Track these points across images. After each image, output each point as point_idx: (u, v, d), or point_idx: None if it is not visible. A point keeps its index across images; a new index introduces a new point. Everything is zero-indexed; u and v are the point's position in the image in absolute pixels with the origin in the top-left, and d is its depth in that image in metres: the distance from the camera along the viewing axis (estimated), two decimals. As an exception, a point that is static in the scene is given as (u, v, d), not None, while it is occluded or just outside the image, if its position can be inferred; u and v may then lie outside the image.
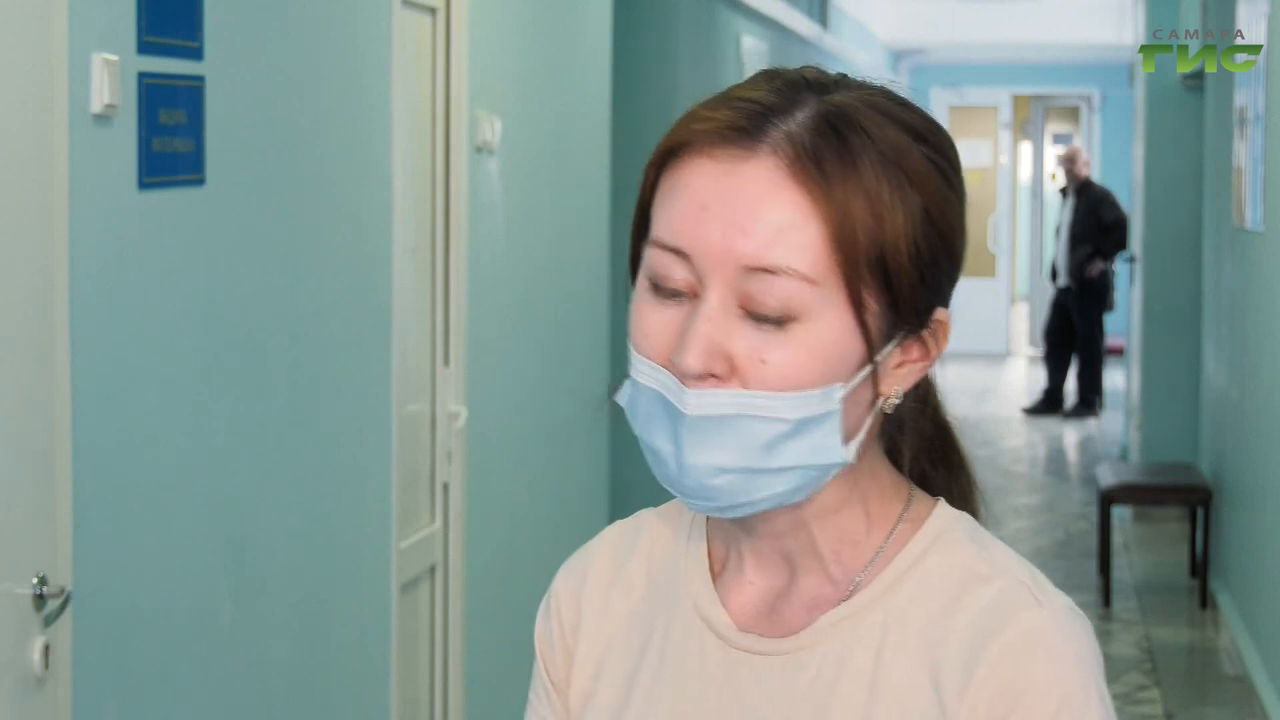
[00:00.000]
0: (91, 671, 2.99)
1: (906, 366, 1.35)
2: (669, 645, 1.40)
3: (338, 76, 4.00)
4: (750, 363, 1.28)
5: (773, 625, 1.37)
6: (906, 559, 1.36)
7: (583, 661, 1.43)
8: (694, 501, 1.33)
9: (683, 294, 1.30)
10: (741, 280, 1.28)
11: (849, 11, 14.43)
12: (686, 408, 1.28)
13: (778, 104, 1.30)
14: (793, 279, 1.27)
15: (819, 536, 1.37)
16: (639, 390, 1.32)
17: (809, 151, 1.28)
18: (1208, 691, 6.88)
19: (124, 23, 3.05)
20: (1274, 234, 6.18)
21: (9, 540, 2.78)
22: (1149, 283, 9.79)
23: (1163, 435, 9.58)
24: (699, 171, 1.30)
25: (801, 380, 1.28)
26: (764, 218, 1.27)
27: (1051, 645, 1.31)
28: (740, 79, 1.38)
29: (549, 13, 5.80)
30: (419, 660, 4.72)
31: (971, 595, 1.33)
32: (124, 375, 3.09)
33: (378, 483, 4.27)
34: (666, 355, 1.30)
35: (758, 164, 1.28)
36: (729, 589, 1.40)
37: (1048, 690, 1.30)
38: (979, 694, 1.30)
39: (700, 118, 1.31)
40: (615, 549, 1.46)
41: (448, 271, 4.81)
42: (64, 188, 2.87)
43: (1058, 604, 1.33)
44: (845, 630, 1.34)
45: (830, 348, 1.29)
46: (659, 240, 1.31)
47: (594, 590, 1.45)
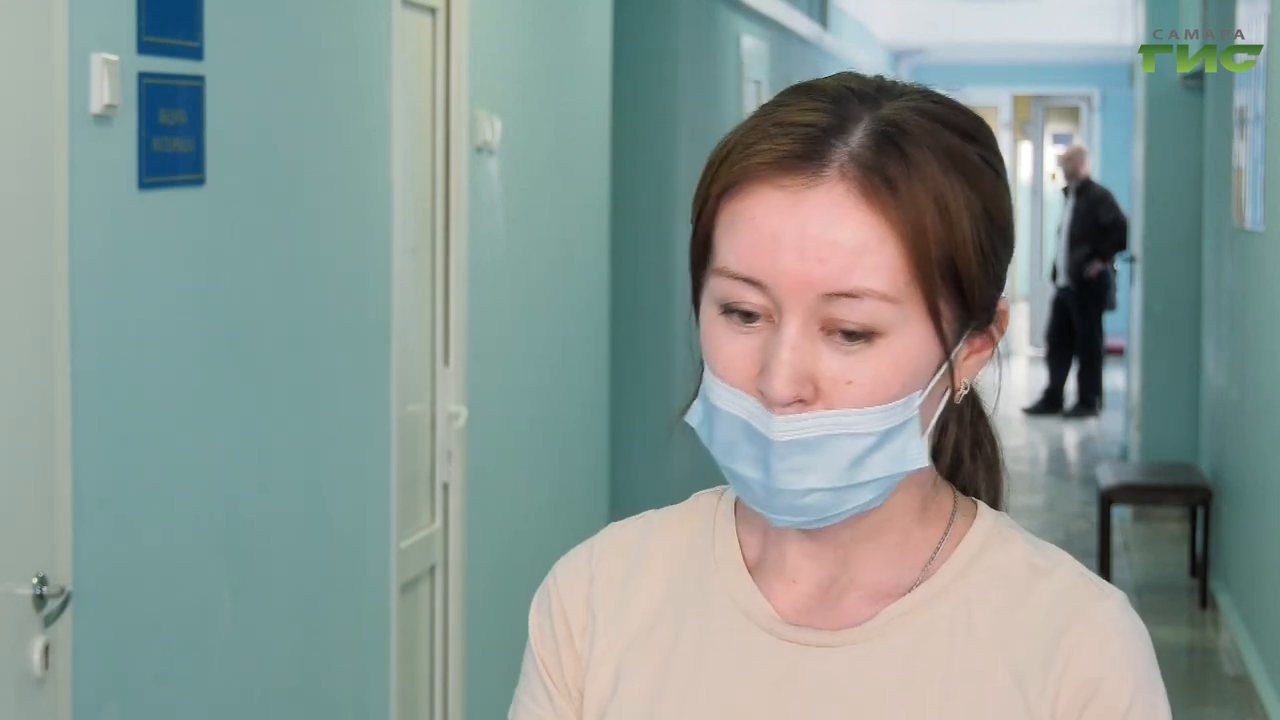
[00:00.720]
0: (91, 671, 2.99)
1: (974, 358, 1.38)
2: (705, 642, 1.39)
3: (338, 76, 4.00)
4: (836, 386, 1.29)
5: (830, 618, 1.38)
6: (967, 552, 1.39)
7: (600, 663, 1.42)
8: (781, 518, 1.34)
9: (757, 318, 1.30)
10: (821, 305, 1.28)
11: (849, 11, 14.42)
12: (774, 434, 1.29)
13: (832, 124, 1.30)
14: (873, 300, 1.28)
15: (882, 532, 1.38)
16: (718, 415, 1.32)
17: (876, 170, 1.28)
18: (1208, 691, 6.87)
19: (124, 23, 3.05)
20: (1274, 234, 6.18)
21: (9, 540, 2.78)
22: (1149, 283, 9.79)
23: (1163, 435, 9.57)
24: (766, 202, 1.29)
25: (886, 394, 1.30)
26: (840, 243, 1.27)
27: (1123, 632, 1.36)
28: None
29: (549, 13, 5.80)
30: (419, 660, 4.72)
31: (1038, 587, 1.37)
32: (124, 375, 3.09)
33: (378, 483, 4.27)
34: (748, 381, 1.30)
35: (826, 190, 1.28)
36: (769, 585, 1.40)
37: (1124, 675, 1.35)
38: (1061, 684, 1.34)
39: (757, 149, 1.30)
40: (624, 549, 1.45)
41: (448, 271, 4.81)
42: (64, 188, 2.87)
43: (1118, 595, 1.38)
44: (914, 621, 1.36)
45: (912, 360, 1.30)
46: (730, 271, 1.31)
47: (606, 591, 1.44)
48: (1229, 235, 7.64)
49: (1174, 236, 9.57)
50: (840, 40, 13.44)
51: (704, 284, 1.34)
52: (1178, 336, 9.55)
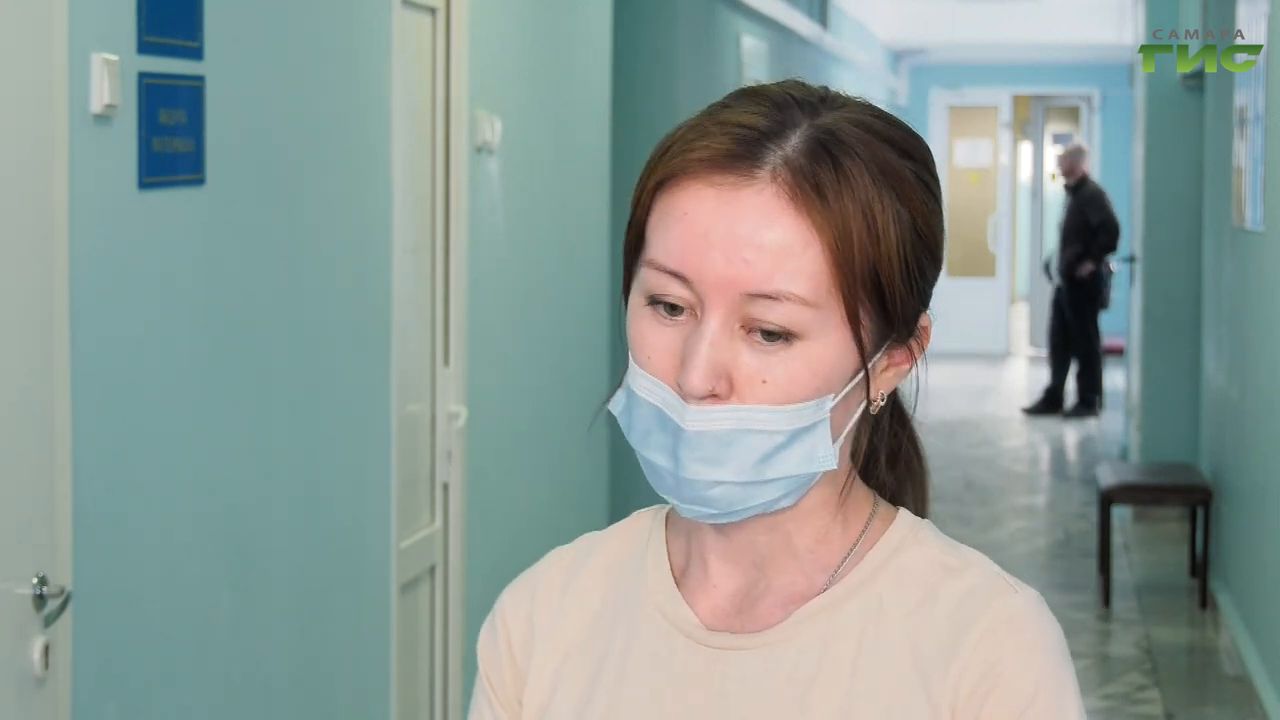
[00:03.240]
0: (91, 671, 2.99)
1: (892, 370, 1.40)
2: (632, 649, 1.43)
3: (338, 76, 4.00)
4: (751, 383, 1.32)
5: (746, 622, 1.41)
6: (881, 553, 1.41)
7: (537, 676, 1.46)
8: (688, 508, 1.37)
9: (682, 311, 1.34)
10: (742, 304, 1.31)
11: (849, 11, 14.42)
12: (687, 424, 1.32)
13: (770, 128, 1.33)
14: (793, 303, 1.31)
15: (796, 537, 1.41)
16: (636, 403, 1.36)
17: (807, 176, 1.31)
18: (1208, 691, 6.87)
19: (124, 23, 3.05)
20: (1274, 234, 6.18)
21: (9, 540, 2.78)
22: (1149, 283, 9.79)
23: (1163, 435, 9.57)
24: (698, 198, 1.32)
25: (800, 395, 1.33)
26: (765, 245, 1.30)
27: (1028, 628, 1.36)
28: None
29: (549, 13, 5.80)
30: (419, 660, 4.72)
31: (949, 586, 1.38)
32: (124, 375, 3.09)
33: (378, 483, 4.27)
34: (668, 372, 1.34)
35: (757, 190, 1.31)
36: (693, 592, 1.43)
37: (1026, 670, 1.35)
38: (962, 675, 1.35)
39: (695, 146, 1.33)
40: (564, 567, 1.50)
41: (448, 271, 4.81)
42: (64, 188, 2.87)
43: (1029, 592, 1.39)
44: (824, 621, 1.38)
45: (828, 363, 1.33)
46: (658, 264, 1.34)
47: (544, 607, 1.48)
48: (1229, 235, 7.64)
49: (1174, 236, 9.57)
50: (840, 40, 13.44)
51: (635, 274, 1.37)
52: (1178, 336, 9.55)
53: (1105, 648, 7.32)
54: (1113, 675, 6.93)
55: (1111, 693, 6.71)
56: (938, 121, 18.13)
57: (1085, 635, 7.42)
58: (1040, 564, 8.73)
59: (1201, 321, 9.08)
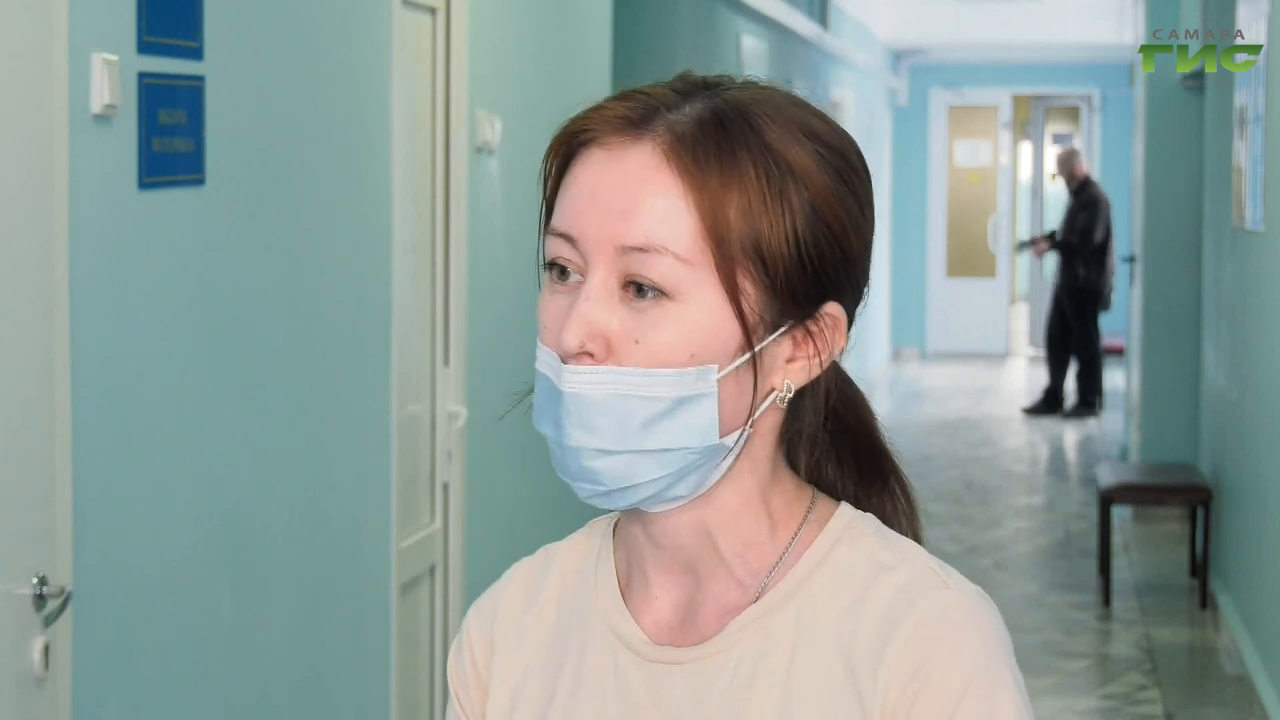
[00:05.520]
0: (91, 671, 2.99)
1: (799, 362, 1.37)
2: (584, 664, 1.43)
3: (338, 76, 4.00)
4: (625, 343, 1.32)
5: (687, 635, 1.40)
6: (814, 556, 1.38)
7: (498, 693, 1.46)
8: (579, 485, 1.37)
9: (570, 276, 1.34)
10: (621, 261, 1.32)
11: (849, 11, 14.42)
12: (563, 384, 1.32)
13: (671, 99, 1.35)
14: (667, 258, 1.31)
15: (721, 541, 1.39)
16: (538, 379, 1.37)
17: (686, 141, 1.32)
18: (1208, 691, 6.87)
19: (124, 23, 3.05)
20: (1274, 234, 6.18)
21: (9, 540, 2.78)
22: (1149, 283, 9.79)
23: (1163, 435, 9.57)
24: (590, 160, 1.34)
25: (674, 359, 1.31)
26: (642, 202, 1.31)
27: (959, 624, 1.33)
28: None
29: (549, 13, 5.80)
30: (419, 660, 4.72)
31: (881, 584, 1.35)
32: (124, 375, 3.09)
33: (378, 483, 4.28)
34: (555, 339, 1.34)
35: (639, 150, 1.33)
36: (638, 606, 1.43)
37: (955, 667, 1.31)
38: (891, 675, 1.32)
39: (601, 108, 1.36)
40: (525, 582, 1.50)
41: (448, 271, 4.81)
42: (64, 188, 2.87)
43: (965, 587, 1.36)
44: (758, 631, 1.37)
45: (704, 328, 1.32)
46: (553, 228, 1.35)
47: (505, 624, 1.48)
48: (1229, 235, 7.64)
49: (1174, 236, 9.57)
50: (840, 40, 13.44)
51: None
52: (1178, 336, 9.55)
53: (1105, 648, 7.31)
54: (1113, 675, 6.93)
55: (1111, 693, 6.71)
56: (938, 121, 18.14)
57: (1085, 635, 7.41)
58: (1040, 564, 8.73)
59: (1201, 321, 9.08)
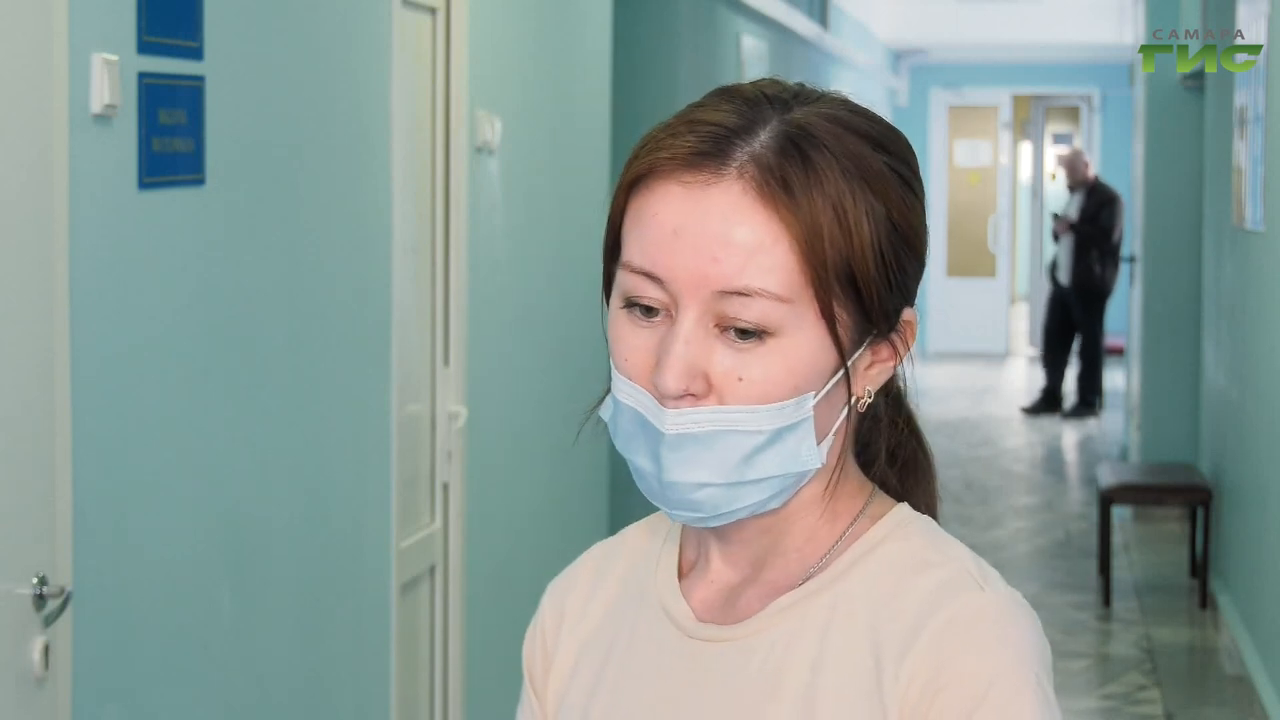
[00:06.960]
0: (91, 671, 2.99)
1: (877, 367, 1.39)
2: (635, 640, 1.45)
3: (338, 76, 4.00)
4: (727, 381, 1.32)
5: (729, 614, 1.42)
6: (861, 548, 1.40)
7: (560, 665, 1.49)
8: (676, 513, 1.37)
9: (658, 313, 1.34)
10: (715, 302, 1.31)
11: (849, 11, 14.42)
12: (665, 427, 1.32)
13: (740, 125, 1.33)
14: (765, 299, 1.30)
15: (785, 537, 1.41)
16: (619, 408, 1.36)
17: (774, 172, 1.31)
18: (1208, 691, 6.87)
19: (124, 23, 3.05)
20: (1274, 234, 6.17)
21: (9, 540, 2.78)
22: (1149, 283, 9.79)
23: (1163, 435, 9.57)
24: (668, 198, 1.33)
25: (777, 394, 1.32)
26: (734, 241, 1.30)
27: (988, 626, 1.32)
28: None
29: (549, 13, 5.80)
30: (419, 660, 4.72)
31: (920, 578, 1.36)
32: (124, 375, 3.09)
33: (378, 483, 4.28)
34: (645, 375, 1.34)
35: (725, 188, 1.31)
36: (694, 586, 1.45)
37: (979, 669, 1.31)
38: (914, 669, 1.32)
39: (665, 145, 1.34)
40: (599, 561, 1.53)
41: (448, 271, 4.81)
42: (64, 188, 2.87)
43: (1001, 590, 1.36)
44: (794, 614, 1.38)
45: (805, 360, 1.32)
46: (632, 265, 1.34)
47: (576, 600, 1.51)
48: (1229, 235, 7.64)
49: (1174, 236, 9.57)
50: (840, 40, 13.44)
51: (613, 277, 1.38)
52: (1178, 336, 9.55)
53: (1105, 648, 7.31)
54: (1113, 675, 6.93)
55: (1111, 693, 6.71)
56: (938, 121, 18.13)
57: (1085, 635, 7.41)
58: (1040, 564, 8.73)
59: (1201, 321, 9.08)
